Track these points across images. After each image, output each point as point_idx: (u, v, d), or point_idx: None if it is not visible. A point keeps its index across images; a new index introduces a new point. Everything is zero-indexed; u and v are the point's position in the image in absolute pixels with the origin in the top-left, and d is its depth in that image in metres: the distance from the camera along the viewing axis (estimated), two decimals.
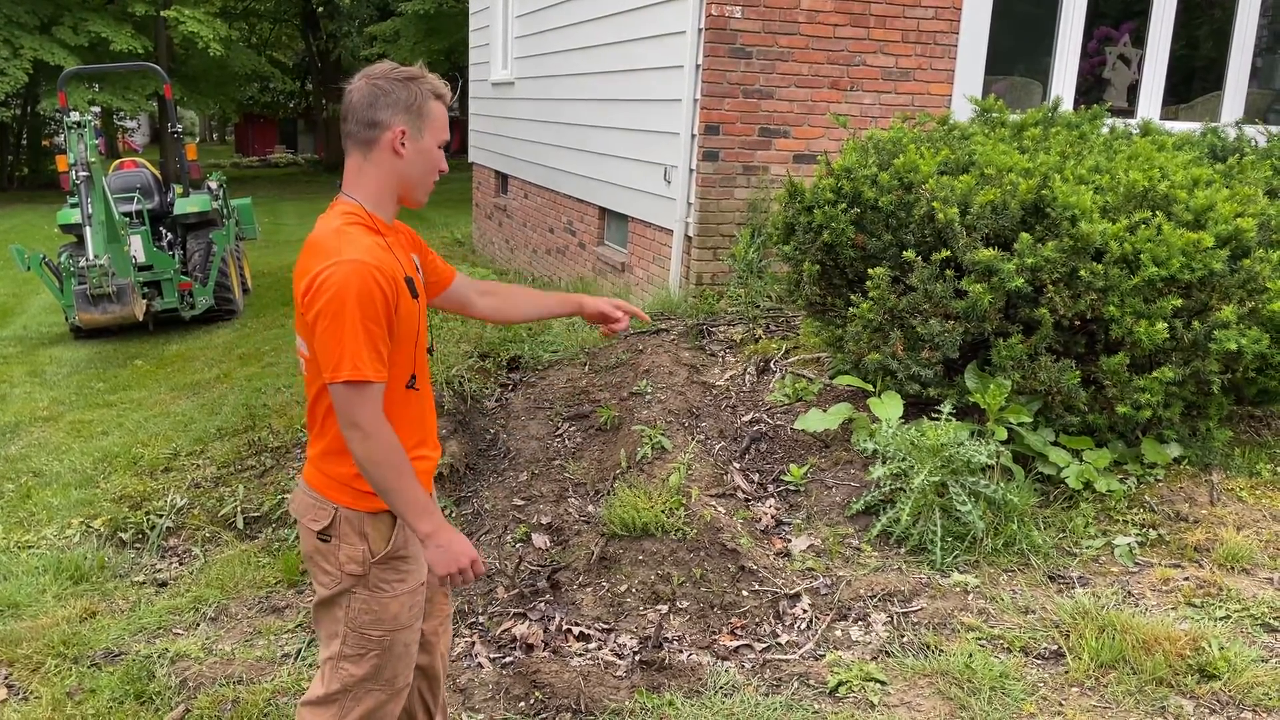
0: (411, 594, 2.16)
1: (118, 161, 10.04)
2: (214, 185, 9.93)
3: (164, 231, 9.05)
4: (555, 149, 9.23)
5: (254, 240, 11.72)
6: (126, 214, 8.36)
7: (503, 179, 11.55)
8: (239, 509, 4.57)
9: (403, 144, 2.02)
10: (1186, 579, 3.33)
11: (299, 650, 3.43)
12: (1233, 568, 3.37)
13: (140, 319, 7.95)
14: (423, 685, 2.44)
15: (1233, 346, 3.58)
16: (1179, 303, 3.64)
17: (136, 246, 8.14)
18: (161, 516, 4.50)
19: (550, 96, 9.40)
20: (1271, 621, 3.06)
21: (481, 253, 12.18)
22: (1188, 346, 3.69)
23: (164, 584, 4.04)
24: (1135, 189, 3.82)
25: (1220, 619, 3.09)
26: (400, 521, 2.09)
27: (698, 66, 6.20)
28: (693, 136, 6.33)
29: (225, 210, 9.87)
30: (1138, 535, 3.59)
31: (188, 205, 9.07)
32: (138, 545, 4.34)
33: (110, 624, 3.62)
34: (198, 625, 3.65)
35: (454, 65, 25.02)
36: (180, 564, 4.25)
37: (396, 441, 1.97)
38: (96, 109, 9.24)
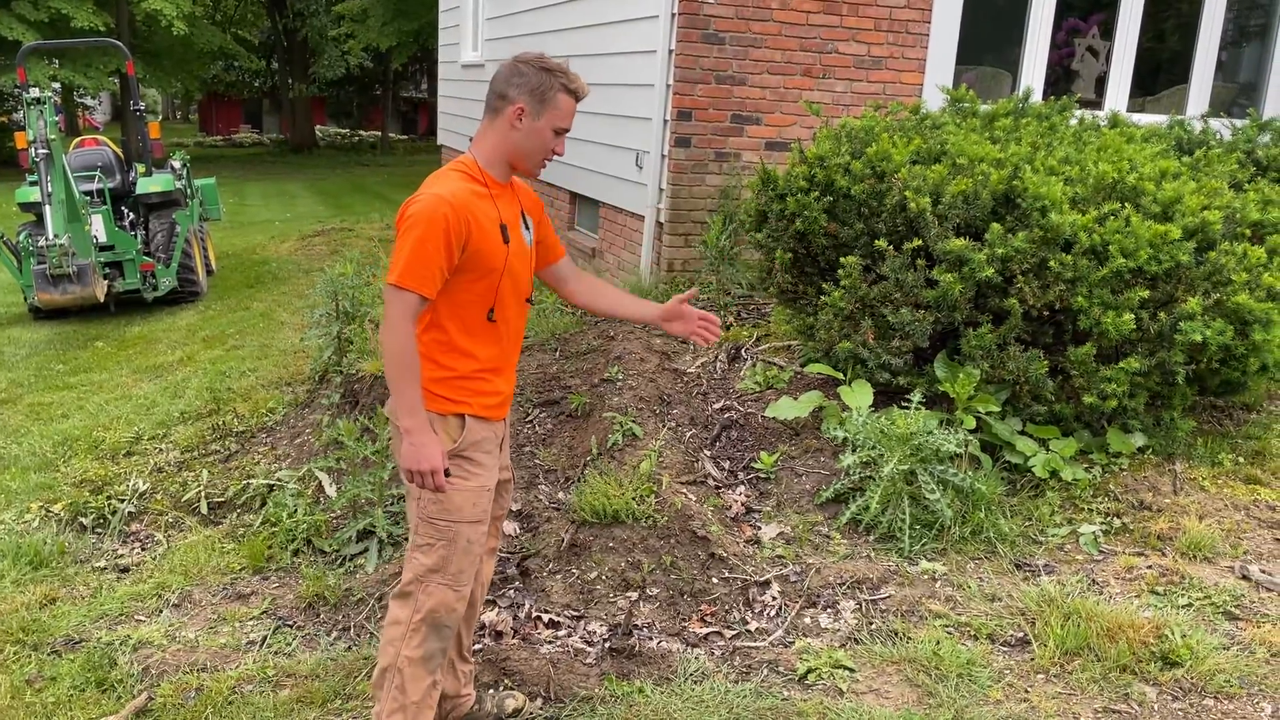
0: (475, 493, 2.46)
1: (78, 139, 9.83)
2: (177, 164, 9.75)
3: (126, 211, 8.87)
4: None
5: (218, 221, 11.54)
6: (87, 193, 8.19)
7: None
8: (203, 494, 4.51)
9: (520, 119, 2.40)
10: (1150, 567, 3.37)
11: (264, 637, 3.39)
12: (1195, 556, 3.42)
13: (101, 300, 7.80)
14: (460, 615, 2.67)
15: (1198, 338, 3.62)
16: (1146, 294, 3.67)
17: (97, 226, 7.98)
18: (123, 501, 4.43)
19: None
20: (1233, 609, 3.11)
21: None
22: (1154, 338, 3.73)
23: (126, 570, 3.97)
24: (1105, 181, 3.85)
25: (1183, 607, 3.14)
26: (469, 426, 2.44)
27: (670, 51, 6.17)
28: (665, 122, 6.30)
29: (189, 190, 9.70)
30: (1102, 524, 3.64)
31: (150, 184, 8.89)
32: (99, 530, 4.26)
33: (71, 610, 3.56)
34: (160, 612, 3.59)
35: (423, 47, 24.76)
36: (142, 549, 4.18)
37: (410, 345, 2.30)
38: (57, 85, 9.04)
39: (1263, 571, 3.30)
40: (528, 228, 2.56)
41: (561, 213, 8.44)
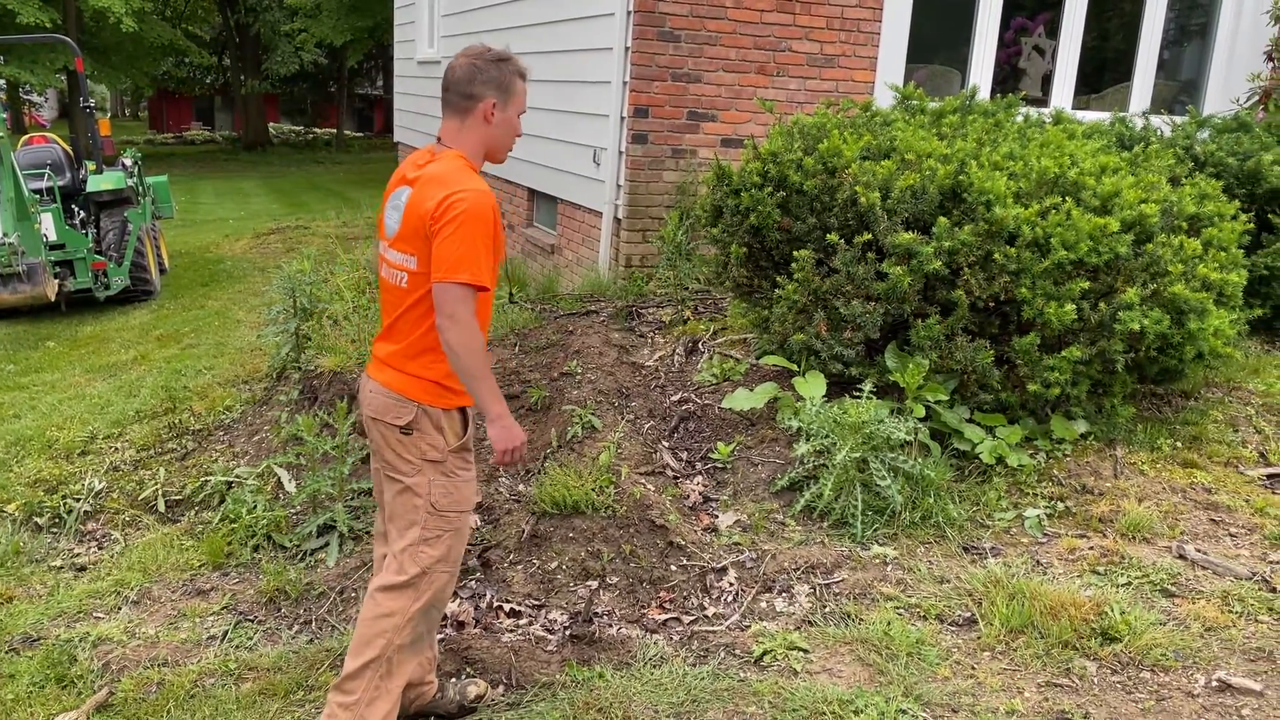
0: (474, 482, 2.60)
1: (27, 136, 9.67)
2: (128, 162, 9.63)
3: (76, 209, 8.76)
4: None
5: (170, 219, 11.41)
6: (37, 191, 8.07)
7: None
8: (160, 492, 4.49)
9: (493, 113, 2.48)
10: (1091, 548, 3.49)
11: (225, 632, 3.41)
12: (1134, 537, 3.55)
13: (52, 299, 7.70)
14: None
15: (1136, 327, 3.75)
16: (1086, 285, 3.80)
17: (47, 224, 7.87)
18: (79, 500, 4.40)
19: None
20: (1169, 587, 3.24)
21: None
22: (1094, 327, 3.85)
23: (83, 568, 3.96)
24: (1047, 175, 3.97)
25: (1122, 585, 3.26)
26: (472, 419, 2.56)
27: (627, 49, 6.23)
28: (622, 119, 6.35)
29: (140, 188, 9.59)
30: (1046, 507, 3.76)
31: (101, 182, 8.78)
32: (54, 530, 4.24)
33: (28, 609, 3.54)
34: (119, 609, 3.59)
35: (378, 43, 24.59)
36: (99, 548, 4.16)
37: (483, 339, 2.41)
38: (1, 82, 8.89)
39: (1198, 551, 3.44)
40: None
41: (520, 209, 8.47)
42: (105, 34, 21.59)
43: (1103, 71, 7.76)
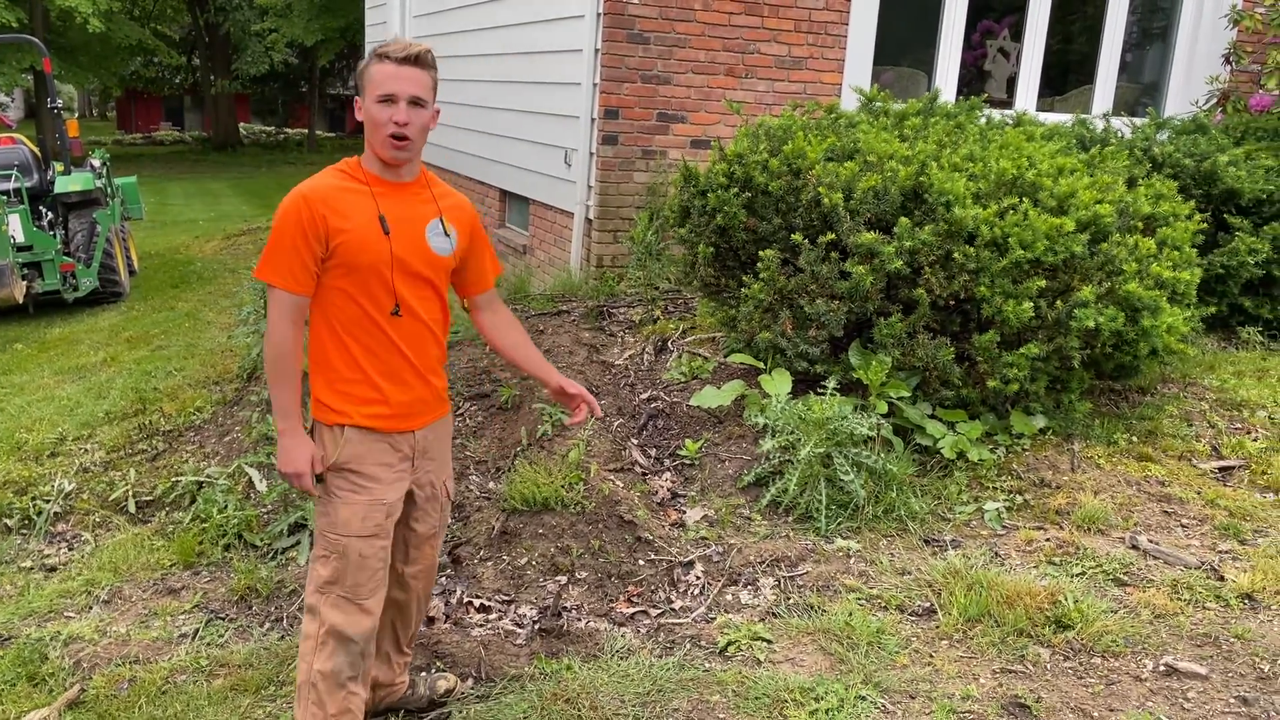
0: (365, 508, 2.43)
1: None
2: (97, 163, 9.58)
3: (44, 211, 8.70)
4: (456, 130, 9.19)
5: (140, 220, 11.34)
6: (4, 192, 8.02)
7: None
8: (130, 493, 4.50)
9: (359, 111, 2.38)
10: (1048, 539, 3.59)
11: (197, 630, 3.43)
12: (1089, 529, 3.65)
13: (20, 301, 7.66)
14: (396, 618, 2.75)
15: (1091, 324, 3.85)
16: (1043, 283, 3.89)
17: (15, 226, 7.82)
18: (48, 502, 4.40)
19: (451, 77, 9.33)
20: (1121, 576, 3.34)
21: None
22: (1051, 324, 3.95)
23: (53, 569, 3.97)
24: (1005, 177, 4.06)
25: (1076, 575, 3.36)
26: (349, 438, 2.41)
27: (597, 51, 6.28)
28: (592, 120, 6.41)
29: (109, 189, 9.53)
30: (1005, 501, 3.85)
31: (69, 183, 8.73)
32: (24, 531, 4.24)
33: None
34: (90, 608, 3.60)
35: (350, 43, 24.49)
36: (70, 549, 4.17)
37: (283, 345, 2.34)
38: None
39: (1150, 541, 3.54)
40: (446, 234, 2.46)
41: (492, 210, 8.50)
42: (72, 33, 21.39)
43: (1066, 74, 7.90)
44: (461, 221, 2.53)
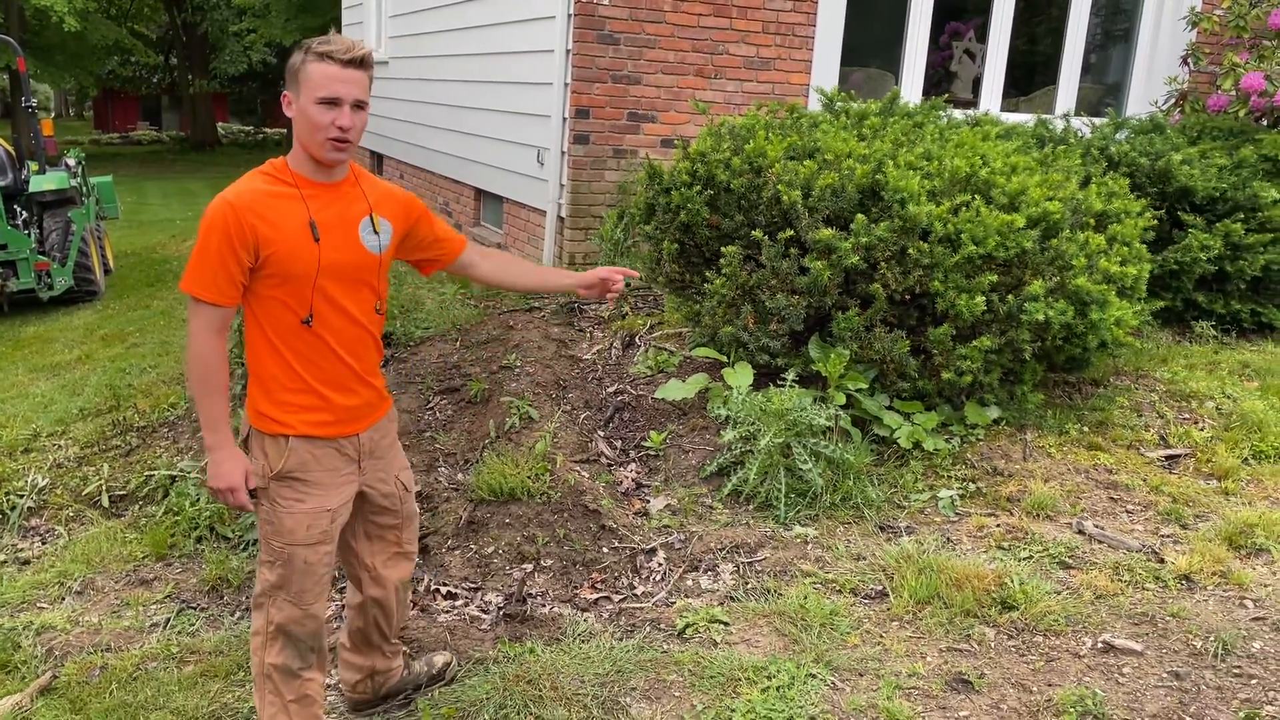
0: (310, 515, 2.41)
1: None
2: (72, 162, 9.58)
3: (19, 210, 8.70)
4: (431, 130, 9.26)
5: (116, 220, 11.33)
6: None
7: (378, 159, 11.48)
8: (104, 488, 4.55)
9: (290, 108, 2.30)
10: (998, 525, 3.71)
11: (168, 619, 3.50)
12: (1038, 515, 3.77)
13: None
14: (378, 614, 2.77)
15: (1041, 318, 3.98)
16: (995, 278, 4.01)
17: None
18: (22, 496, 4.45)
19: (425, 77, 9.41)
20: (1066, 560, 3.46)
21: None
22: (1003, 318, 4.07)
23: (26, 562, 4.02)
24: (959, 174, 4.18)
25: (1024, 559, 3.48)
26: (293, 447, 2.37)
27: (568, 51, 6.37)
28: (564, 120, 6.50)
29: (84, 188, 9.54)
30: (959, 488, 3.97)
31: (44, 182, 8.73)
32: None
33: None
34: (63, 599, 3.66)
35: None
36: (43, 543, 4.22)
37: (208, 357, 2.28)
38: None
39: (1096, 526, 3.66)
40: (376, 231, 2.41)
41: (467, 208, 8.58)
42: (48, 33, 21.27)
43: (1032, 75, 8.04)
44: (394, 212, 2.47)
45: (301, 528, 2.40)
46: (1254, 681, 2.74)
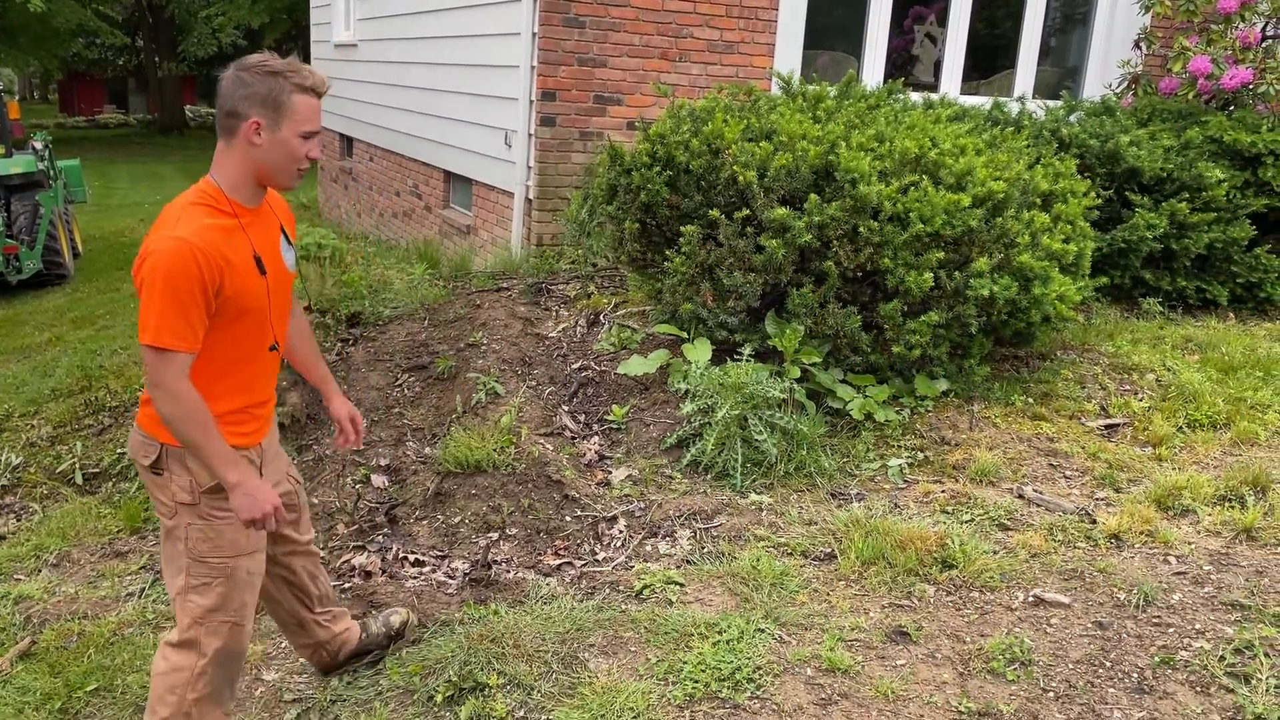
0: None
1: None
2: (39, 145, 9.58)
3: None
4: (400, 112, 9.31)
5: (84, 204, 11.32)
6: None
7: (347, 142, 11.51)
8: (78, 465, 4.64)
9: (258, 134, 2.21)
10: (944, 491, 3.88)
11: (143, 589, 3.62)
12: (982, 481, 3.95)
13: None
14: (295, 594, 2.75)
15: (986, 293, 4.15)
16: (943, 255, 4.18)
17: None
18: None
19: (394, 59, 9.45)
20: (1005, 522, 3.64)
21: (328, 217, 12.11)
22: (951, 294, 4.24)
23: (2, 537, 4.11)
24: (908, 156, 4.34)
25: (966, 521, 3.65)
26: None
27: (534, 34, 6.46)
28: (531, 102, 6.60)
29: (51, 171, 9.54)
30: (908, 457, 4.14)
31: (11, 166, 8.74)
32: None
33: None
34: (39, 571, 3.77)
35: (296, 24, 24.26)
36: (18, 520, 4.31)
37: (198, 402, 2.17)
38: None
39: (1035, 490, 3.84)
40: (290, 245, 2.44)
41: (436, 191, 8.65)
42: (12, 14, 21.00)
43: (993, 58, 8.20)
44: (289, 219, 2.51)
45: (243, 537, 2.35)
46: (1171, 630, 2.92)
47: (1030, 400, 4.56)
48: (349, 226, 11.02)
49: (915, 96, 5.99)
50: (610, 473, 4.17)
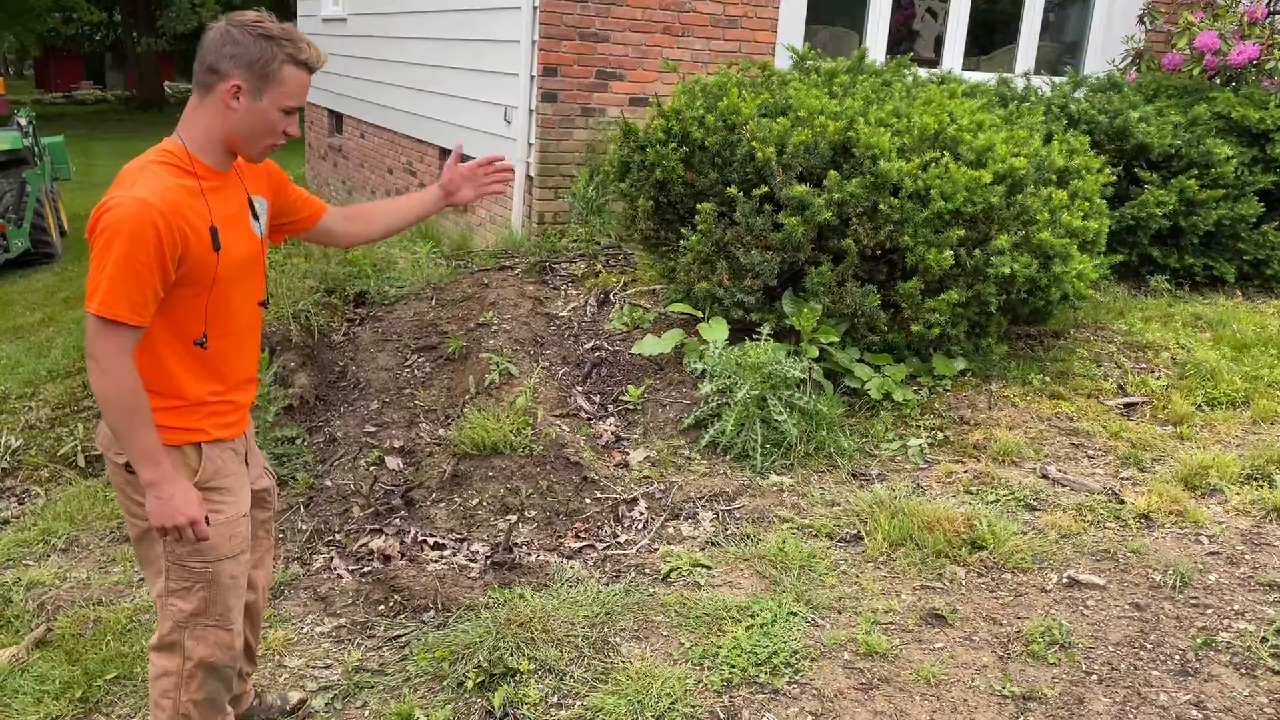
0: (231, 524, 2.20)
1: None
2: (24, 122, 9.38)
3: None
4: (393, 88, 9.16)
5: (68, 181, 11.12)
6: None
7: (337, 118, 11.33)
8: (79, 448, 4.54)
9: (236, 99, 2.02)
10: (966, 471, 3.85)
11: None
12: (1004, 460, 3.93)
13: None
14: (247, 626, 2.46)
15: (1007, 271, 4.11)
16: (963, 233, 4.13)
17: None
18: None
19: (387, 34, 9.29)
20: (1031, 502, 3.62)
21: (316, 194, 11.92)
22: (970, 272, 4.20)
23: (6, 522, 4.02)
24: (928, 131, 4.28)
25: (991, 502, 3.62)
26: (207, 454, 2.15)
27: (535, 8, 6.34)
28: (532, 78, 6.48)
29: (36, 148, 9.35)
30: (928, 437, 4.11)
31: None
32: None
33: None
34: (49, 556, 3.68)
35: None
36: (20, 504, 4.22)
37: (134, 384, 1.97)
38: None
39: (1059, 470, 3.82)
40: (257, 216, 2.21)
41: (430, 168, 8.53)
42: None
43: (993, 33, 8.14)
44: (263, 185, 2.28)
45: (225, 539, 2.18)
46: (1210, 610, 2.91)
47: (1048, 379, 4.53)
48: (340, 204, 10.85)
49: (922, 72, 5.92)
50: (628, 454, 4.12)
